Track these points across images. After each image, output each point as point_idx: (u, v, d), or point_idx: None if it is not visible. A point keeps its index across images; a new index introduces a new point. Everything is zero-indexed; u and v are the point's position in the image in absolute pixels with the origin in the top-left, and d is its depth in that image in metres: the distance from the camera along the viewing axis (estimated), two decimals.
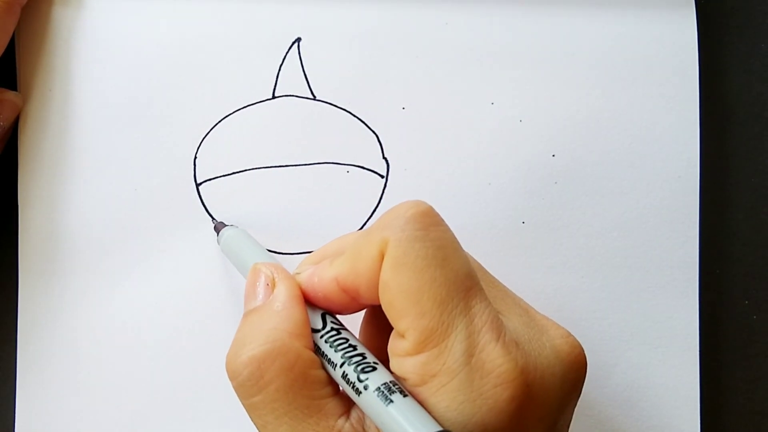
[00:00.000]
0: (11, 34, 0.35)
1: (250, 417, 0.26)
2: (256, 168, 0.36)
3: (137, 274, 0.36)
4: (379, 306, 0.28)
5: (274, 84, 0.36)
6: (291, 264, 0.36)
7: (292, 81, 0.36)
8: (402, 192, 0.36)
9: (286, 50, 0.36)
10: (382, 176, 0.36)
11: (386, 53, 0.36)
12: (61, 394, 0.35)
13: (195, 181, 0.36)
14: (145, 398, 0.35)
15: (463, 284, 0.25)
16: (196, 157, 0.36)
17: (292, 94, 0.36)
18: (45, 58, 0.36)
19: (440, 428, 0.23)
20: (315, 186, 0.36)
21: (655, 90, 0.37)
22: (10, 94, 0.35)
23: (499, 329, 0.25)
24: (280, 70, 0.36)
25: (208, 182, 0.36)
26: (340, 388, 0.26)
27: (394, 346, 0.26)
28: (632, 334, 0.36)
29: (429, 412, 0.24)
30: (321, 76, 0.36)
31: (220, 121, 0.36)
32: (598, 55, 0.37)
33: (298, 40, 0.36)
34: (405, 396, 0.24)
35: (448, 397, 0.24)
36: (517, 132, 0.36)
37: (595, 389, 0.36)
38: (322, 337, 0.27)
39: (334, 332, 0.27)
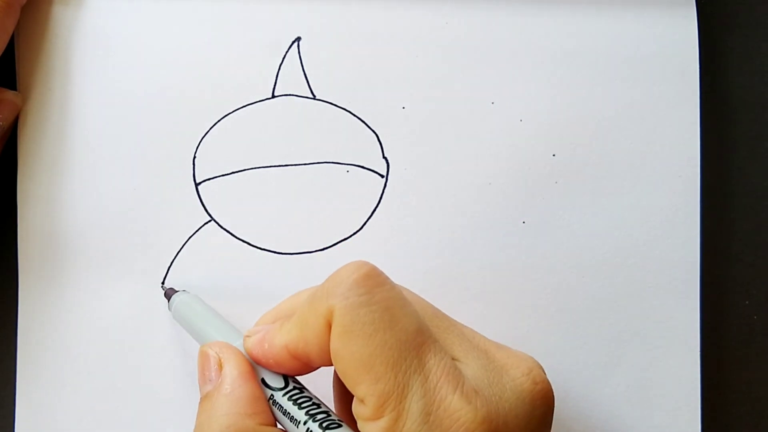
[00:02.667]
0: (11, 33, 0.35)
1: None
2: (255, 167, 0.36)
3: (137, 274, 0.36)
4: None
5: (273, 83, 0.36)
6: (291, 264, 0.36)
7: (291, 80, 0.36)
8: (402, 192, 0.36)
9: (286, 49, 0.36)
10: (382, 176, 0.36)
11: (386, 53, 0.36)
12: (61, 394, 0.35)
13: (194, 180, 0.36)
14: (145, 398, 0.35)
15: (414, 342, 0.25)
16: (195, 157, 0.36)
17: (291, 93, 0.36)
18: (44, 58, 0.36)
19: None
20: (315, 186, 0.36)
21: (656, 90, 0.37)
22: (9, 94, 0.35)
23: (457, 380, 0.25)
24: (279, 69, 0.36)
25: (207, 182, 0.36)
26: None
27: (356, 410, 0.26)
28: (633, 334, 0.36)
29: None
30: (321, 75, 0.36)
31: (219, 121, 0.36)
32: (598, 55, 0.37)
33: (298, 39, 0.36)
34: None
35: None
36: (517, 132, 0.36)
37: (596, 389, 0.36)
38: (285, 395, 0.27)
39: (296, 390, 0.28)
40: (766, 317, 0.38)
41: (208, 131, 0.36)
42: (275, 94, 0.36)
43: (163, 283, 0.36)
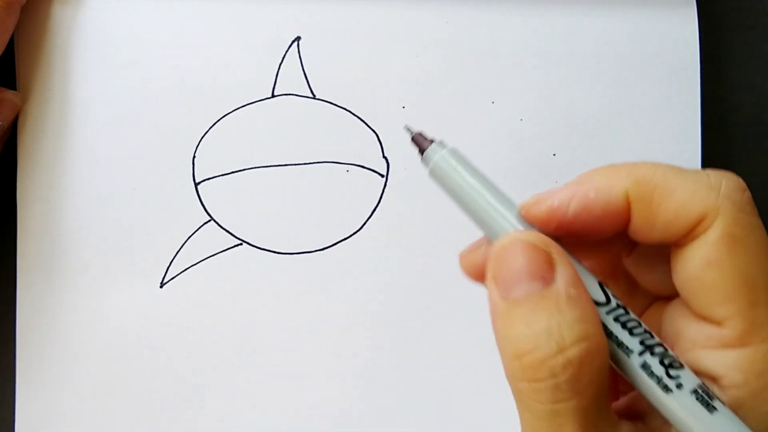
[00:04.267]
0: (11, 33, 0.35)
1: (537, 426, 0.22)
2: (255, 167, 0.36)
3: (137, 274, 0.35)
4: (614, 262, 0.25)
5: (273, 83, 0.36)
6: (291, 264, 0.36)
7: (291, 80, 0.36)
8: (402, 192, 0.36)
9: (286, 49, 0.36)
10: (382, 175, 0.36)
11: (386, 52, 0.36)
12: (60, 393, 0.35)
13: (194, 180, 0.36)
14: (144, 398, 0.35)
15: None
16: (194, 156, 0.36)
17: (291, 93, 0.36)
18: (44, 58, 0.36)
19: None
20: (315, 185, 0.36)
21: (656, 89, 0.37)
22: (9, 94, 0.35)
23: None
24: (279, 68, 0.36)
25: (206, 181, 0.36)
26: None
27: (701, 334, 0.22)
28: None
29: (746, 417, 0.21)
30: (321, 75, 0.36)
31: (219, 120, 0.36)
32: (598, 55, 0.37)
33: (298, 38, 0.36)
34: (723, 404, 0.21)
35: None
36: (517, 131, 0.36)
37: None
38: (609, 313, 0.22)
39: (622, 309, 0.22)
40: None
41: (207, 131, 0.36)
42: (275, 93, 0.36)
43: (162, 283, 0.35)
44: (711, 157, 0.37)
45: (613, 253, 0.26)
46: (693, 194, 0.22)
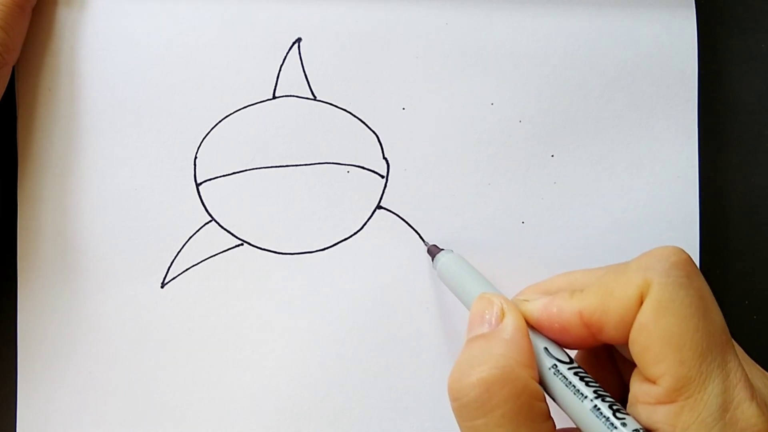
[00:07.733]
0: (25, 35, 0.34)
1: None
2: (256, 168, 0.36)
3: (137, 274, 0.36)
4: (604, 347, 0.28)
5: (274, 84, 0.36)
6: (291, 264, 0.36)
7: (292, 81, 0.36)
8: (402, 192, 0.36)
9: (287, 50, 0.36)
10: (382, 176, 0.36)
11: (386, 53, 0.36)
12: (62, 393, 0.35)
13: (195, 181, 0.36)
14: (145, 398, 0.35)
15: (720, 338, 0.25)
16: (196, 157, 0.36)
17: (292, 94, 0.36)
18: (46, 58, 0.36)
19: None
20: (315, 186, 0.36)
21: (655, 90, 0.37)
22: None
23: (752, 388, 0.25)
24: (280, 70, 0.36)
25: (208, 182, 0.36)
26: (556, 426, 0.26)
27: (641, 391, 0.25)
28: None
29: None
30: (321, 76, 0.36)
31: (220, 121, 0.36)
32: (596, 56, 0.37)
33: (299, 40, 0.36)
34: None
35: None
36: (516, 132, 0.36)
37: None
38: (570, 369, 0.26)
39: (581, 369, 0.27)
40: (766, 317, 0.38)
41: (209, 132, 0.36)
42: (276, 94, 0.36)
43: (163, 283, 0.36)
44: (709, 158, 0.37)
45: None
46: (626, 281, 0.26)
